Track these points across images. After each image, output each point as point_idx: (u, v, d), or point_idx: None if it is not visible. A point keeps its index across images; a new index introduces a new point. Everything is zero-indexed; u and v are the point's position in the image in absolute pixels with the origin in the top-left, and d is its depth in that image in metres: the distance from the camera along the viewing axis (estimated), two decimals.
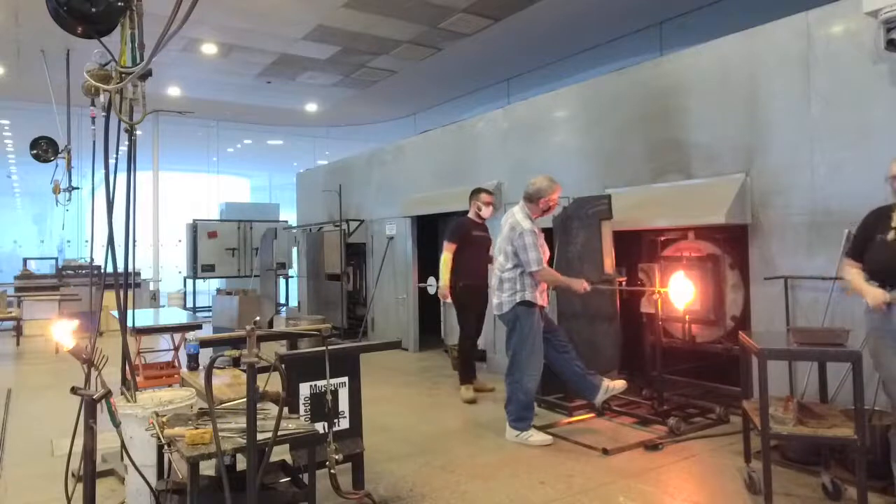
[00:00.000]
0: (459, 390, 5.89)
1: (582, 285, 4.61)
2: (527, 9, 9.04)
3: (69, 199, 8.94)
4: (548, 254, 4.73)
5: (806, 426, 3.25)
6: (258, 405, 2.34)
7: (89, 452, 2.41)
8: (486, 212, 6.16)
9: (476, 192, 6.18)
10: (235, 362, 3.52)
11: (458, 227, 6.19)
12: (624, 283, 5.20)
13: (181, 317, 7.29)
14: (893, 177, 3.28)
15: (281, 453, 2.89)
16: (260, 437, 2.23)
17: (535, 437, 4.46)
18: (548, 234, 5.59)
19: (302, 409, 3.34)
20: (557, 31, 9.94)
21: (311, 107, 14.87)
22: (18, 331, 9.86)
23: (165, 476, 2.99)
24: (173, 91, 12.83)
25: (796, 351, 3.46)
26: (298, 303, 11.42)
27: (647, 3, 8.78)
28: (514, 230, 4.61)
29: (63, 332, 2.56)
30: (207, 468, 2.42)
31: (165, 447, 2.50)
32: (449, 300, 6.26)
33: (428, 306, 8.37)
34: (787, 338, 3.62)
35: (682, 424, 4.51)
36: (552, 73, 11.48)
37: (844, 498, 3.37)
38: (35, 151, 9.50)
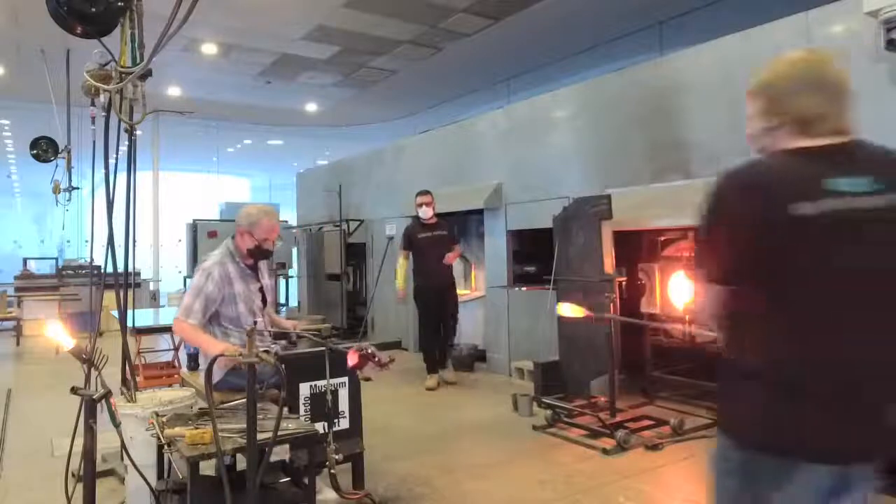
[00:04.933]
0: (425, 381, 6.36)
1: (218, 347, 3.03)
2: (527, 9, 9.05)
3: (69, 199, 8.92)
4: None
5: None
6: (258, 405, 2.34)
7: (89, 452, 2.41)
8: (423, 213, 6.43)
9: (415, 196, 6.50)
10: None
11: (404, 233, 6.65)
12: (623, 283, 5.19)
13: None
14: None
15: (281, 453, 2.89)
16: (260, 437, 2.23)
17: None
18: (548, 234, 5.61)
19: (302, 409, 3.34)
20: (557, 31, 9.94)
21: (311, 107, 14.87)
22: (18, 331, 9.86)
23: (165, 476, 2.99)
24: (173, 91, 12.83)
25: None
26: (298, 303, 11.42)
27: (646, 3, 8.78)
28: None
29: (58, 332, 2.55)
30: (207, 468, 2.42)
31: (165, 447, 2.50)
32: (401, 302, 6.81)
33: None
34: None
35: (630, 437, 4.33)
36: (552, 73, 11.47)
37: None
38: (35, 151, 9.50)
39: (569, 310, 4.37)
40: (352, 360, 2.81)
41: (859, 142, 1.60)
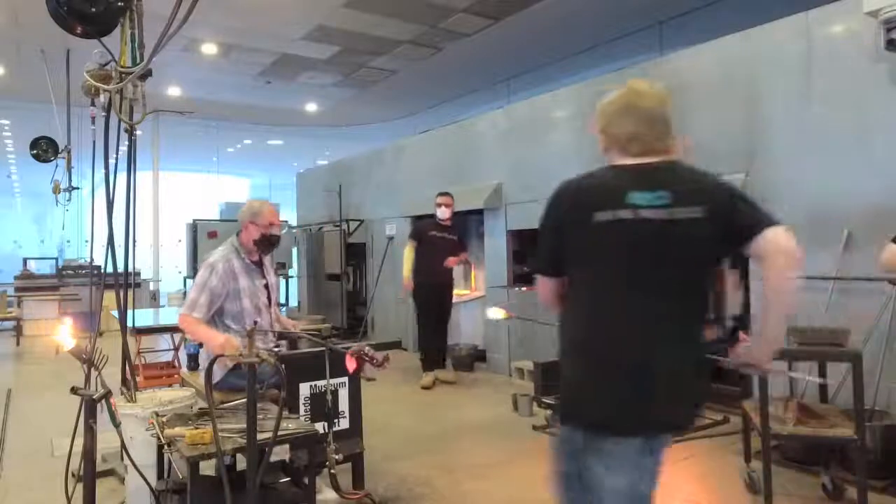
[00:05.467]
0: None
1: (219, 341, 3.16)
2: (527, 9, 9.04)
3: (69, 199, 8.91)
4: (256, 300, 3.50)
5: (806, 426, 3.25)
6: (258, 405, 2.34)
7: (89, 452, 2.41)
8: (440, 213, 6.53)
9: (436, 196, 6.62)
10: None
11: (416, 226, 6.81)
12: None
13: None
14: None
15: (281, 453, 2.90)
16: (260, 437, 2.23)
17: None
18: None
19: (302, 409, 3.34)
20: (557, 31, 9.94)
21: (311, 107, 14.86)
22: (18, 331, 9.86)
23: (165, 476, 2.99)
24: (173, 91, 12.82)
25: (796, 351, 3.46)
26: (298, 303, 11.42)
27: (647, 3, 8.78)
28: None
29: (65, 332, 2.56)
30: (207, 468, 2.42)
31: (165, 447, 2.50)
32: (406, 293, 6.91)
33: None
34: (786, 338, 3.62)
35: None
36: (552, 73, 11.47)
37: (844, 498, 3.37)
38: (35, 151, 9.49)
39: (494, 313, 4.45)
40: (350, 365, 2.82)
41: (672, 161, 1.88)
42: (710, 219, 1.75)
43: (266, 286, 3.59)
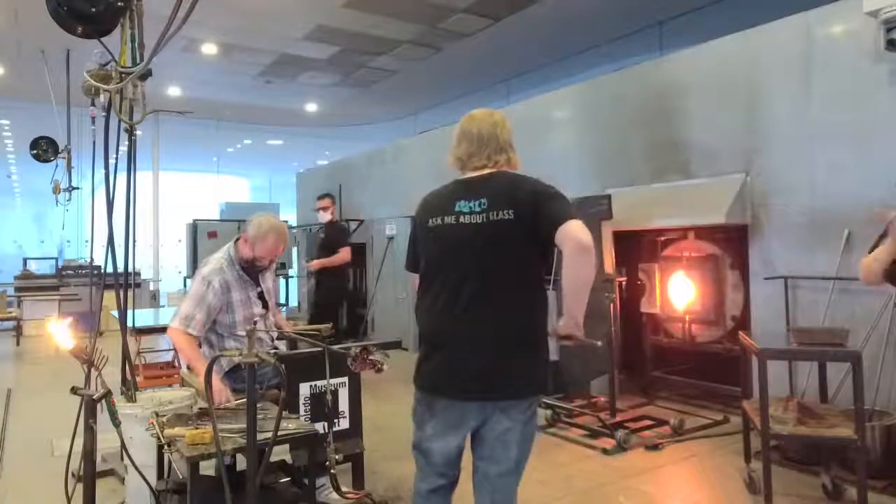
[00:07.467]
0: None
1: (221, 394, 3.02)
2: (527, 9, 9.03)
3: (69, 199, 8.90)
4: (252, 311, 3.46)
5: (806, 426, 3.25)
6: (258, 405, 2.34)
7: (89, 452, 2.41)
8: (321, 217, 6.99)
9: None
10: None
11: None
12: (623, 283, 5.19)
13: None
14: None
15: (281, 453, 2.89)
16: (260, 437, 2.23)
17: None
18: None
19: (302, 409, 3.34)
20: (557, 31, 9.93)
21: (311, 107, 14.86)
22: (18, 331, 9.86)
23: (165, 476, 2.99)
24: (173, 91, 12.82)
25: (796, 351, 3.46)
26: (298, 303, 11.42)
27: (647, 3, 8.78)
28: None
29: (62, 332, 2.55)
30: (207, 468, 2.42)
31: (165, 447, 2.50)
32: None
33: None
34: (787, 338, 3.62)
35: (630, 437, 4.32)
36: (552, 73, 11.47)
37: (844, 498, 3.37)
38: (35, 151, 9.48)
39: None
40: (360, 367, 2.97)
41: (496, 173, 2.25)
42: (519, 219, 2.09)
43: (261, 294, 3.54)
